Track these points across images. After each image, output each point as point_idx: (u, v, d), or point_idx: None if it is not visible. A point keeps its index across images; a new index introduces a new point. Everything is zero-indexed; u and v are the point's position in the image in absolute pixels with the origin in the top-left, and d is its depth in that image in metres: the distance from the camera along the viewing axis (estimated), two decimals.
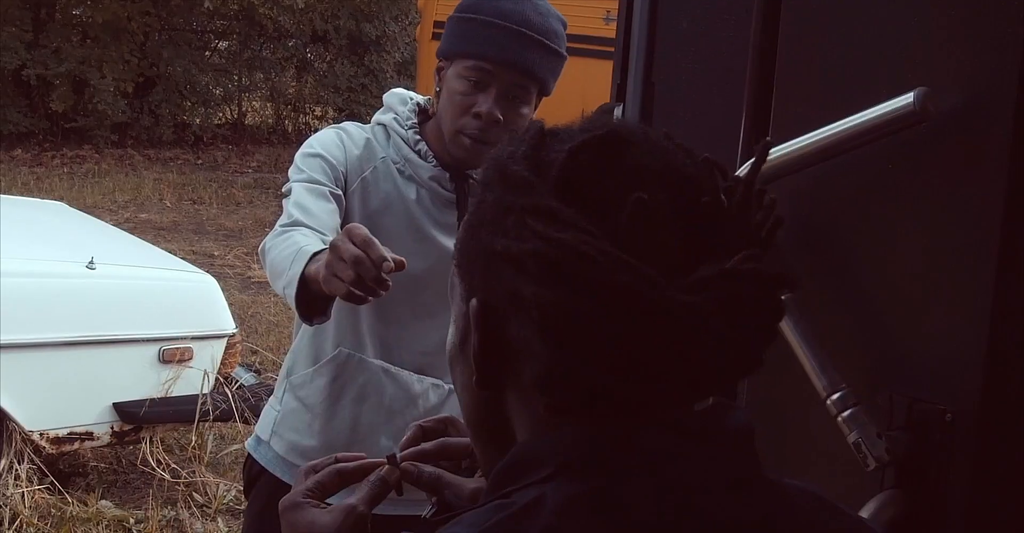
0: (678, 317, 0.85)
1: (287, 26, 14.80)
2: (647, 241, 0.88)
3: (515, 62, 2.22)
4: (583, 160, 0.91)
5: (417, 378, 2.38)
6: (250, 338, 6.83)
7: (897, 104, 1.43)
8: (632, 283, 0.84)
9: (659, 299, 0.85)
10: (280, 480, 2.43)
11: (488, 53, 2.22)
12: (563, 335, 0.86)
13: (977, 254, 1.41)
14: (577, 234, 0.86)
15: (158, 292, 4.93)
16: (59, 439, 4.59)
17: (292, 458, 2.43)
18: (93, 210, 9.04)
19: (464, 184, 2.33)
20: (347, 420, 2.41)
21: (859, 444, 1.45)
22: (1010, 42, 1.37)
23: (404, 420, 2.35)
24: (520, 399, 0.95)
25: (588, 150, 0.92)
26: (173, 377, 4.75)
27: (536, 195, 0.89)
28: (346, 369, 2.38)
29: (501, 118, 2.22)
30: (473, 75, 2.23)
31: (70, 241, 5.38)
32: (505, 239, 0.89)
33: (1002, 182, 1.38)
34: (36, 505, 4.54)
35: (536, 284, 0.86)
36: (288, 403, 2.46)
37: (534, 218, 0.87)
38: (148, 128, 13.94)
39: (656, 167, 0.92)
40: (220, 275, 7.39)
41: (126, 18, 13.51)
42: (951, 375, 1.43)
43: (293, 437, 2.44)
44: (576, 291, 0.85)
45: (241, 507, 4.81)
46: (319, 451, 2.37)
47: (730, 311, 0.87)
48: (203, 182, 12.13)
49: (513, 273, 0.88)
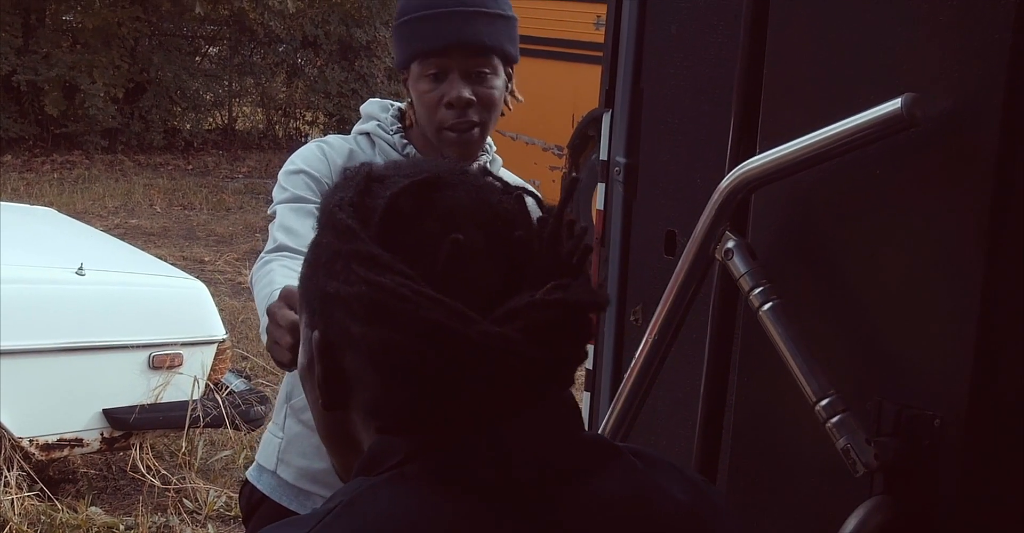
0: (488, 347, 0.94)
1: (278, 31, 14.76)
2: (464, 278, 0.97)
3: (461, 42, 2.18)
4: (402, 205, 1.00)
5: None
6: (240, 344, 6.81)
7: (884, 110, 1.43)
8: (444, 319, 0.94)
9: (470, 332, 0.94)
10: (283, 507, 2.35)
11: (433, 45, 2.19)
12: (389, 367, 0.97)
13: (965, 259, 1.41)
14: (395, 277, 0.95)
15: (148, 298, 4.91)
16: (49, 446, 4.58)
17: (304, 485, 2.33)
18: (83, 216, 9.02)
19: None
20: None
21: (848, 450, 1.45)
22: (997, 48, 1.37)
23: None
24: (361, 418, 1.04)
25: (406, 195, 1.00)
26: (163, 383, 4.73)
27: (359, 242, 0.98)
28: None
29: (473, 98, 2.18)
30: (430, 70, 2.20)
31: (60, 247, 5.36)
32: (336, 282, 0.99)
33: (989, 187, 1.38)
34: (26, 512, 4.52)
35: (362, 324, 0.96)
36: (291, 428, 2.36)
37: (357, 263, 0.97)
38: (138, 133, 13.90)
39: (471, 206, 1.01)
40: (210, 281, 7.38)
41: (116, 24, 13.47)
42: (939, 381, 1.44)
43: (302, 463, 2.33)
44: (396, 329, 0.95)
45: (231, 513, 4.80)
46: (330, 474, 2.13)
47: (537, 337, 0.96)
48: (193, 187, 12.10)
49: (343, 313, 0.98)
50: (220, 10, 14.33)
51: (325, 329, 1.02)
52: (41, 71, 13.09)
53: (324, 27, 14.82)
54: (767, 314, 1.56)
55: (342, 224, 1.00)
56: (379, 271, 0.96)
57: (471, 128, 2.21)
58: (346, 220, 1.00)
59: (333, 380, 1.03)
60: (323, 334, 1.03)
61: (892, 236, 1.50)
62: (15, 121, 13.31)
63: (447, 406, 0.98)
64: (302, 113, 15.71)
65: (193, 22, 14.93)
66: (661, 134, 1.97)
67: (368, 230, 0.99)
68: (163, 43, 14.70)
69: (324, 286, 1.01)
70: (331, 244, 1.02)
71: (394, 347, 0.95)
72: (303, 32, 14.87)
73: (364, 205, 1.02)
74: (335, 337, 1.01)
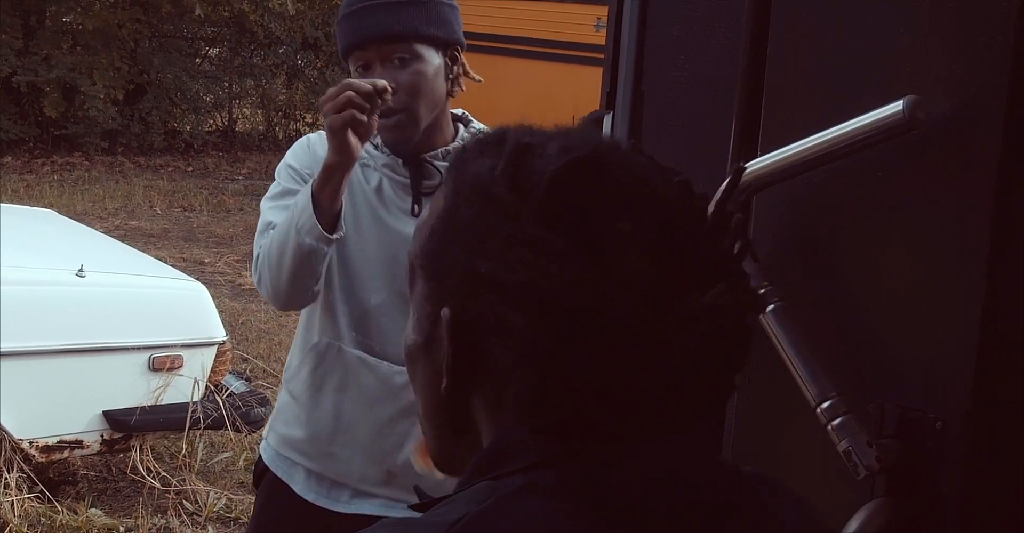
0: (667, 352, 0.87)
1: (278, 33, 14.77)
2: (623, 270, 0.89)
3: (374, 34, 2.30)
4: (566, 186, 0.91)
5: (398, 369, 2.35)
6: (240, 346, 6.81)
7: (887, 112, 1.43)
8: (623, 317, 0.86)
9: (651, 335, 0.87)
10: (277, 479, 2.47)
11: (353, 41, 2.33)
12: (552, 366, 0.88)
13: (967, 262, 1.41)
14: (568, 267, 0.87)
15: (148, 300, 4.91)
16: (49, 447, 4.58)
17: (284, 451, 2.48)
18: (83, 217, 9.02)
19: (418, 168, 2.37)
20: (330, 410, 2.42)
21: (849, 452, 1.45)
22: (999, 50, 1.37)
23: (385, 412, 2.38)
24: (488, 407, 0.96)
25: (571, 175, 0.91)
26: (163, 385, 4.73)
27: (523, 221, 0.90)
28: (326, 358, 2.41)
29: (393, 85, 2.23)
30: (357, 64, 2.34)
31: (60, 249, 5.37)
32: (490, 263, 0.90)
33: (991, 190, 1.38)
34: (26, 514, 4.52)
35: (525, 314, 0.88)
36: (283, 398, 2.52)
37: (522, 247, 0.89)
38: (138, 135, 13.91)
39: (636, 191, 0.93)
40: (211, 282, 7.38)
41: (116, 25, 13.48)
42: (941, 383, 1.43)
43: (284, 430, 2.49)
44: (568, 324, 0.87)
45: (231, 515, 4.81)
46: (306, 442, 2.44)
47: (715, 346, 0.90)
48: (193, 189, 12.10)
49: (498, 299, 0.89)
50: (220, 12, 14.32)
51: (463, 309, 0.93)
52: (41, 73, 13.09)
53: (324, 29, 14.82)
54: (769, 316, 1.56)
55: (499, 198, 0.92)
56: (549, 259, 0.88)
57: (392, 114, 2.30)
58: (506, 195, 0.92)
59: (466, 364, 0.94)
60: (459, 314, 0.93)
61: (894, 238, 1.50)
62: (15, 123, 13.31)
63: (607, 412, 0.90)
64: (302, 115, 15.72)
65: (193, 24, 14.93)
66: (662, 136, 1.97)
67: (529, 209, 0.90)
68: (163, 45, 14.71)
69: (470, 264, 0.92)
70: (482, 218, 0.92)
71: (561, 344, 0.87)
72: (303, 34, 14.87)
73: (520, 178, 0.92)
74: (478, 320, 0.92)
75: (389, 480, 2.41)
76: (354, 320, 2.38)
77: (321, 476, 2.45)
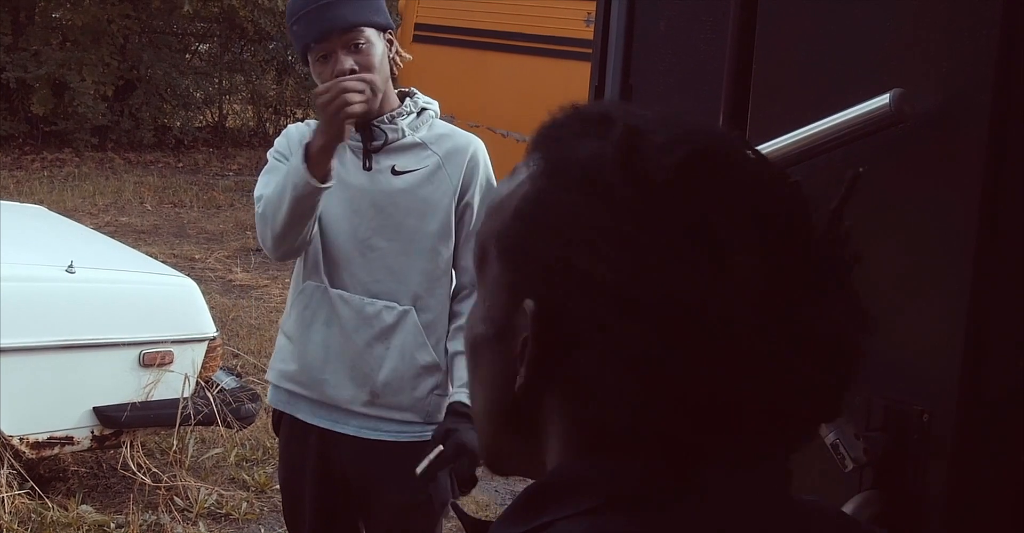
0: (778, 366, 0.81)
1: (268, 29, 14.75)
2: (744, 277, 0.81)
3: (332, 27, 2.69)
4: (687, 181, 0.83)
5: (368, 302, 2.80)
6: (231, 341, 6.81)
7: (873, 105, 1.43)
8: (736, 326, 0.80)
9: (762, 345, 0.81)
10: (291, 418, 2.92)
11: (311, 36, 2.71)
12: (654, 374, 0.81)
13: (954, 255, 1.41)
14: (682, 270, 0.80)
15: (138, 296, 4.90)
16: (39, 444, 4.57)
17: (284, 384, 2.91)
18: (73, 213, 9.01)
19: (367, 132, 2.78)
20: (319, 343, 2.85)
21: (837, 445, 1.45)
22: (985, 44, 1.37)
23: (361, 338, 2.81)
24: (563, 411, 0.87)
25: (691, 169, 0.83)
26: (154, 381, 4.72)
27: (637, 217, 0.82)
28: (312, 299, 2.84)
29: (355, 66, 2.68)
30: (320, 54, 2.72)
31: (50, 245, 5.35)
32: (594, 259, 0.82)
33: (978, 183, 1.38)
34: (16, 510, 4.52)
35: (632, 318, 0.80)
36: (280, 341, 2.95)
37: (634, 245, 0.81)
38: (128, 131, 13.89)
39: (751, 190, 0.85)
40: (201, 278, 7.37)
41: (106, 21, 13.46)
42: (928, 376, 1.44)
43: (281, 366, 2.92)
44: (677, 331, 0.80)
45: (222, 511, 4.81)
46: (299, 373, 2.88)
47: (821, 358, 0.83)
48: (184, 185, 12.09)
49: (603, 303, 0.81)
50: (210, 8, 14.31)
51: (555, 304, 0.84)
52: (31, 69, 13.06)
53: None
54: None
55: (612, 190, 0.83)
56: (664, 259, 0.80)
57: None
58: (621, 187, 0.82)
59: (550, 363, 0.85)
60: (548, 308, 0.85)
61: (881, 232, 1.50)
62: (5, 119, 13.29)
63: (699, 431, 0.82)
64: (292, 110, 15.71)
65: (183, 20, 14.91)
66: None
67: (650, 206, 0.82)
68: (153, 40, 14.68)
69: (570, 256, 0.83)
70: (590, 209, 0.83)
71: (669, 350, 0.80)
72: None
73: (635, 169, 0.83)
74: (573, 318, 0.83)
75: (373, 399, 2.82)
76: (330, 265, 2.82)
77: (319, 403, 2.87)
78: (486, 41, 9.89)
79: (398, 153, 2.78)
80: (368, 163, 2.78)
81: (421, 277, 2.79)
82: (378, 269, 2.79)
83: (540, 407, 0.88)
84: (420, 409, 2.81)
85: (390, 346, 2.78)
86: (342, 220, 2.80)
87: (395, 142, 2.77)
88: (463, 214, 2.81)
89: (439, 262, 2.80)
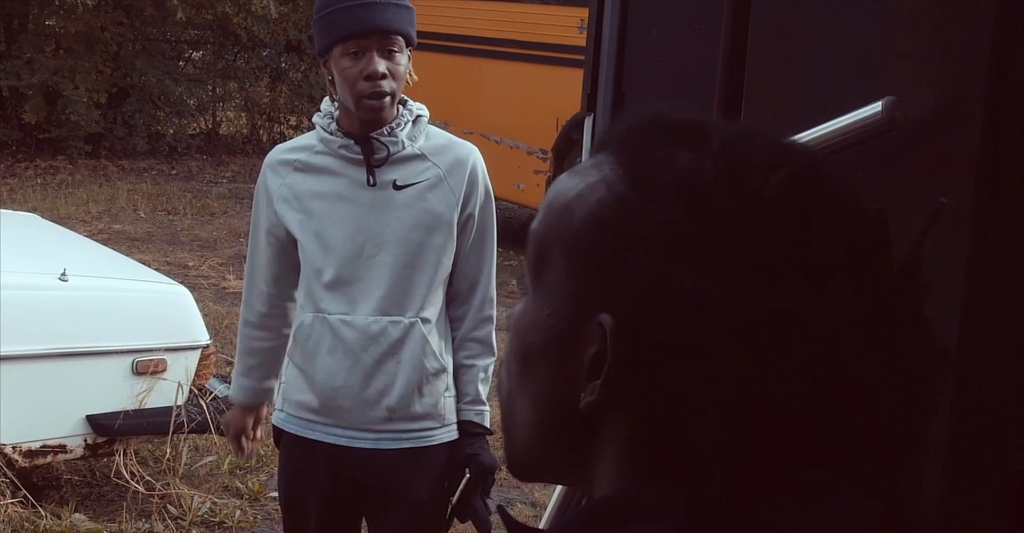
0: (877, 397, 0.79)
1: (261, 36, 14.74)
2: (840, 300, 0.79)
3: (378, 27, 2.68)
4: (794, 200, 0.80)
5: (373, 320, 2.80)
6: (225, 349, 6.79)
7: (866, 113, 1.43)
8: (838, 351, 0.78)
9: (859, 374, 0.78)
10: (294, 435, 2.92)
11: (355, 29, 2.68)
12: (752, 402, 0.78)
13: (946, 262, 1.41)
14: (799, 299, 0.77)
15: (132, 303, 4.90)
16: (32, 452, 4.56)
17: (304, 415, 2.90)
18: (66, 221, 8.99)
19: (367, 144, 2.76)
20: (326, 372, 2.84)
21: None
22: (977, 51, 1.38)
23: (371, 357, 2.81)
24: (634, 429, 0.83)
25: (798, 188, 0.81)
26: (147, 389, 4.72)
27: (747, 239, 0.78)
28: (313, 330, 2.84)
29: (386, 71, 2.68)
30: (352, 49, 2.69)
31: (43, 252, 5.34)
32: (697, 280, 0.78)
33: (970, 190, 1.38)
34: (9, 519, 4.50)
35: (742, 348, 0.77)
36: (289, 372, 2.94)
37: (747, 269, 0.78)
38: (122, 139, 13.88)
39: (845, 213, 0.83)
40: (194, 286, 7.36)
41: (99, 28, 13.44)
42: None
43: (298, 397, 2.90)
44: (781, 355, 0.77)
45: (215, 519, 4.80)
46: (317, 402, 2.87)
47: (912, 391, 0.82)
48: (177, 192, 12.08)
49: (706, 325, 0.78)
50: (203, 15, 14.30)
51: (636, 320, 0.80)
52: (24, 76, 13.05)
53: (308, 32, 14.80)
54: None
55: (716, 207, 0.79)
56: (770, 281, 0.77)
57: (384, 96, 2.70)
58: (725, 204, 0.79)
59: (628, 381, 0.81)
60: (630, 325, 0.80)
61: None
62: None
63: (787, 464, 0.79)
64: (286, 117, 15.70)
65: (176, 27, 14.90)
66: None
67: (756, 226, 0.79)
68: (146, 48, 14.67)
69: (658, 270, 0.79)
70: (691, 225, 0.79)
71: (776, 384, 0.77)
72: (287, 36, 14.85)
73: (738, 183, 0.80)
74: (659, 336, 0.79)
75: (391, 416, 2.83)
76: (331, 290, 2.81)
77: (335, 425, 2.87)
78: (480, 48, 9.91)
79: (398, 165, 2.79)
80: (372, 179, 2.76)
81: (425, 289, 2.81)
82: (384, 285, 2.78)
83: (602, 422, 0.84)
84: (435, 414, 2.86)
85: (401, 360, 2.80)
86: (346, 240, 2.78)
87: (395, 155, 2.78)
88: (465, 224, 2.84)
89: (440, 272, 2.83)
